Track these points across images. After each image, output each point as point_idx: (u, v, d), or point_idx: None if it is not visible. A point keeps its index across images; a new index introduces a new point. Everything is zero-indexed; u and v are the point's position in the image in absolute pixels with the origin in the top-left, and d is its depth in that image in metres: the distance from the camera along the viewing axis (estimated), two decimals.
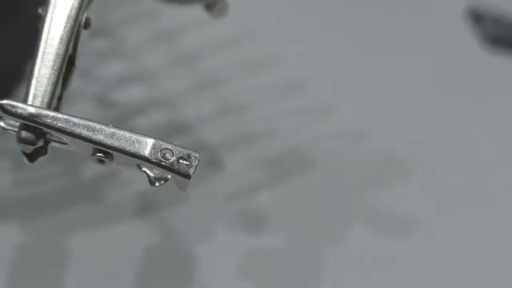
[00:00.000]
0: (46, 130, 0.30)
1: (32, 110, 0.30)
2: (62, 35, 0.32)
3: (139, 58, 0.50)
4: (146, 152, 0.30)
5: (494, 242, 0.43)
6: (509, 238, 0.43)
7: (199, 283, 0.40)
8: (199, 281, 0.40)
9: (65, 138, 0.30)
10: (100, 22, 0.50)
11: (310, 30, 0.52)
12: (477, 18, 0.38)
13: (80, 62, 0.33)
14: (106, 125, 0.30)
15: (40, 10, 0.33)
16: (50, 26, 0.32)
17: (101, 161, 0.30)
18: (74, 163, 0.44)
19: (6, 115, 0.30)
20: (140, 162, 0.30)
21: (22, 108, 0.30)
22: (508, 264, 0.42)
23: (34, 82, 0.31)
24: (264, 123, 0.47)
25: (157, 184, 0.31)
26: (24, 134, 0.30)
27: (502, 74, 0.51)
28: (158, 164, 0.30)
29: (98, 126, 0.30)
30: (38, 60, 0.31)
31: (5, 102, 0.30)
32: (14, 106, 0.30)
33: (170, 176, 0.30)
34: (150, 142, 0.30)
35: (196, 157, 0.30)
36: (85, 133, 0.30)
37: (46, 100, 0.31)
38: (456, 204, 0.44)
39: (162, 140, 0.30)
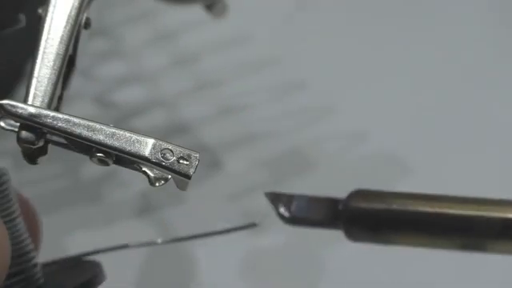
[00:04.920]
0: (46, 129, 0.30)
1: (32, 109, 0.30)
2: (62, 35, 0.32)
3: (139, 58, 0.50)
4: (146, 152, 0.30)
5: None
6: None
7: (199, 283, 0.40)
8: (199, 281, 0.40)
9: (65, 138, 0.30)
10: (100, 22, 0.50)
11: (310, 30, 0.52)
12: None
13: (80, 61, 0.33)
14: (106, 125, 0.30)
15: (40, 10, 0.33)
16: (50, 26, 0.32)
17: (101, 161, 0.30)
18: (74, 163, 0.44)
19: (6, 115, 0.30)
20: (140, 161, 0.30)
21: (22, 108, 0.30)
22: (508, 264, 0.42)
23: (34, 81, 0.31)
24: (264, 123, 0.47)
25: (157, 184, 0.31)
26: (24, 134, 0.30)
27: (504, 74, 0.51)
28: (158, 164, 0.30)
29: (98, 125, 0.30)
30: (38, 60, 0.31)
31: (5, 101, 0.30)
32: (14, 106, 0.30)
33: (170, 176, 0.30)
34: (150, 141, 0.30)
35: (196, 157, 0.30)
36: (85, 133, 0.30)
37: (46, 100, 0.31)
38: None
39: (162, 140, 0.30)
